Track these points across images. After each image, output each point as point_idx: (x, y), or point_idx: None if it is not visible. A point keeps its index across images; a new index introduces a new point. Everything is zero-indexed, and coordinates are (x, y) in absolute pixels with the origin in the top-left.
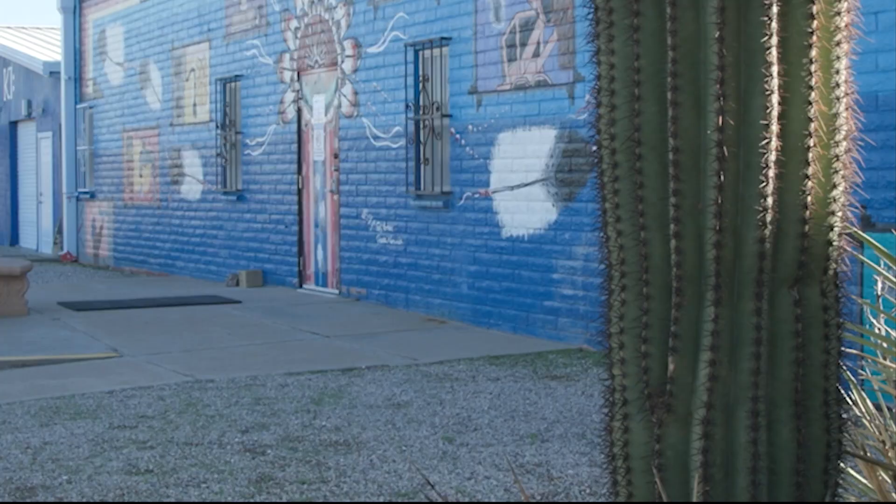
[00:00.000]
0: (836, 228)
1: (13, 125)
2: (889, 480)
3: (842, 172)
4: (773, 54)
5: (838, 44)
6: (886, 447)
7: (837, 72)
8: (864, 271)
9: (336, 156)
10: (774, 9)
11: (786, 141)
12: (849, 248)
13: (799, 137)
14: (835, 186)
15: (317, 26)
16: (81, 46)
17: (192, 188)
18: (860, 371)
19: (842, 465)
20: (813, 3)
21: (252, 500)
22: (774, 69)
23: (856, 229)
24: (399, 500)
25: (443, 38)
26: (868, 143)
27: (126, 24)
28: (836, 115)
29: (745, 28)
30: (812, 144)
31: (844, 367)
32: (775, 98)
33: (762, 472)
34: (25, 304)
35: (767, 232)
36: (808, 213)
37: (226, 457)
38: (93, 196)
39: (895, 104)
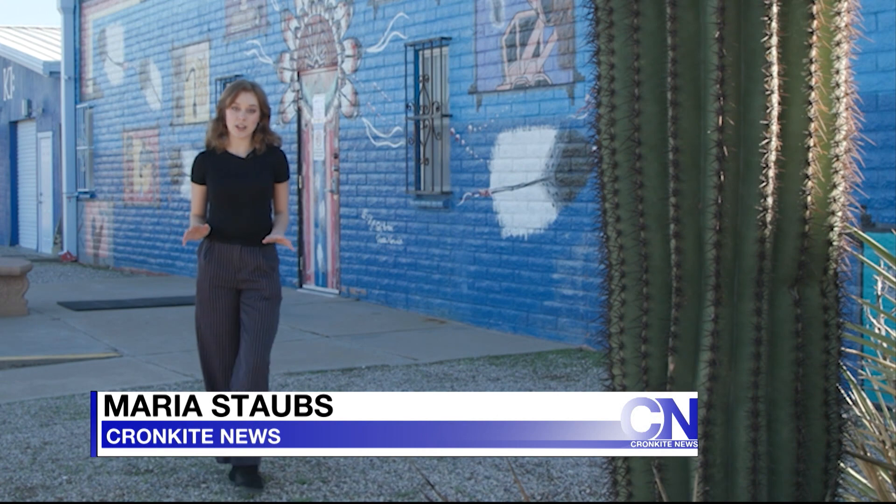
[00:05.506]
0: (836, 228)
1: (13, 125)
2: (889, 480)
3: (842, 172)
4: (773, 54)
5: (838, 44)
6: (886, 447)
7: (837, 72)
8: (864, 271)
9: (336, 156)
10: (774, 9)
11: (786, 141)
12: (849, 248)
13: (799, 137)
14: (835, 186)
15: (317, 26)
16: (81, 46)
17: None
18: (860, 371)
19: (842, 465)
20: (813, 3)
21: (252, 500)
22: (774, 69)
23: (856, 229)
24: (399, 500)
25: (443, 38)
26: (868, 143)
27: (126, 24)
28: (836, 115)
29: (745, 28)
30: (812, 144)
31: (844, 367)
32: (775, 98)
33: (762, 472)
34: (25, 304)
35: (767, 232)
36: (808, 213)
37: None
38: (93, 196)
39: (895, 104)
